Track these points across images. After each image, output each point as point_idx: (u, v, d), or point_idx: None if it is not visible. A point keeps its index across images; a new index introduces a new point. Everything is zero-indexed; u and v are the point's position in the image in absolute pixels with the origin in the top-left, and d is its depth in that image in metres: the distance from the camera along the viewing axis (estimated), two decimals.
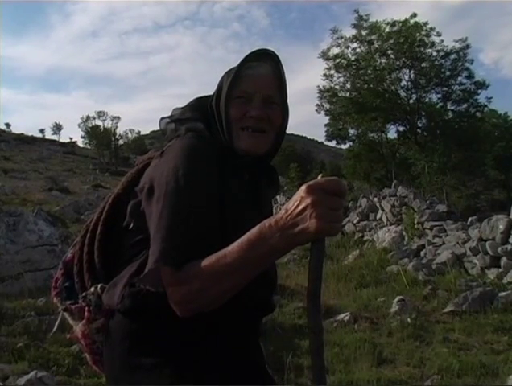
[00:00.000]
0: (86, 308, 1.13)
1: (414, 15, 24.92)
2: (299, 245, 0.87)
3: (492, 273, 6.79)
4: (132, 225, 1.11)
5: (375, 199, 12.74)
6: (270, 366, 1.23)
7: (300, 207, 0.85)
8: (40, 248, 6.28)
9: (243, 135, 1.15)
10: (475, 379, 3.76)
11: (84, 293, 1.15)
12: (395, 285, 6.75)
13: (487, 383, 3.73)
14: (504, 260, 6.67)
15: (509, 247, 6.57)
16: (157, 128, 1.28)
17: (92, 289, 1.14)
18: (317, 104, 27.58)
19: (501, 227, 6.66)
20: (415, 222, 9.78)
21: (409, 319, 5.20)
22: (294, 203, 0.86)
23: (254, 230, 0.89)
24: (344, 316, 5.34)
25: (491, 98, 26.80)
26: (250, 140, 1.15)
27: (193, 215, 0.98)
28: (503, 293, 5.67)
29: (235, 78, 1.15)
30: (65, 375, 3.56)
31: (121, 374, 1.08)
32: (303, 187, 0.86)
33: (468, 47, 25.34)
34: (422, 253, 8.69)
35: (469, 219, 8.48)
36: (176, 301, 0.95)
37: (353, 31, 26.16)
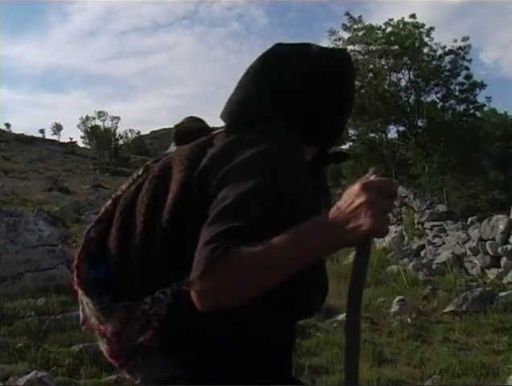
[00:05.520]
0: (154, 317, 0.93)
1: (413, 16, 24.94)
2: (347, 245, 0.83)
3: (492, 273, 6.79)
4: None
5: None
6: None
7: (354, 205, 0.80)
8: (40, 248, 6.27)
9: None
10: (475, 379, 3.75)
11: (150, 299, 0.93)
12: (395, 285, 6.76)
13: (487, 384, 3.73)
14: (504, 260, 6.68)
15: (509, 247, 6.57)
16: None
17: (162, 295, 0.92)
18: None
19: (502, 227, 6.66)
20: (415, 222, 9.78)
21: (409, 319, 5.21)
22: (346, 200, 0.82)
23: (303, 224, 0.84)
24: (345, 316, 5.33)
25: (490, 97, 26.94)
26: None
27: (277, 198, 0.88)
28: (503, 293, 5.68)
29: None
30: (65, 376, 3.56)
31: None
32: (357, 185, 0.82)
33: (468, 46, 25.37)
34: (422, 253, 8.70)
35: (469, 219, 8.48)
36: (202, 290, 0.81)
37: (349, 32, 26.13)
